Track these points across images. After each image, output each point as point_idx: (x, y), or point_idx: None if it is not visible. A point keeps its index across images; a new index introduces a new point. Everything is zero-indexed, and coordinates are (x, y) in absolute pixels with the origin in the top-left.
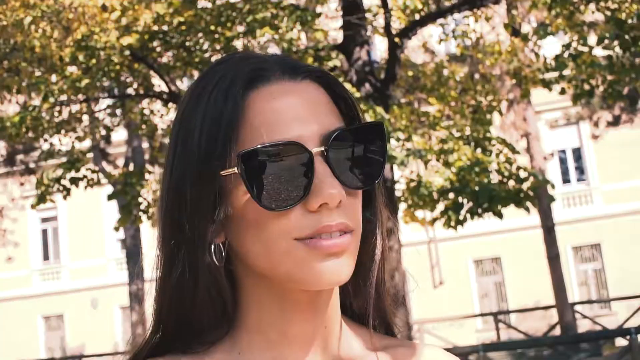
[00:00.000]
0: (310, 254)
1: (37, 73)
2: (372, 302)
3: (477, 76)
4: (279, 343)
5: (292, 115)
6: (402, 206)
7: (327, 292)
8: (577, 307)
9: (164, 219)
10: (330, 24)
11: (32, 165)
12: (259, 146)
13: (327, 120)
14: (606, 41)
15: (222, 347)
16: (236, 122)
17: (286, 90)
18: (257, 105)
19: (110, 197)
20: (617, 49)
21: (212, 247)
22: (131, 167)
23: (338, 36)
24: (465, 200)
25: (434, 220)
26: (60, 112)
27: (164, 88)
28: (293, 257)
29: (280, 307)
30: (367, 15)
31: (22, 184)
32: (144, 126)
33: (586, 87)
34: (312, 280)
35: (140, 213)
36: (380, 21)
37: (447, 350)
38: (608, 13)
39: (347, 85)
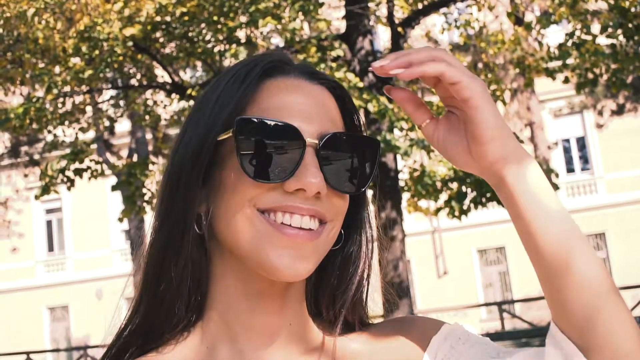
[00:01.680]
0: (274, 235)
1: (41, 64)
2: (347, 306)
3: (480, 65)
4: (243, 336)
5: (299, 108)
6: (406, 196)
7: (294, 288)
8: None
9: (163, 185)
10: (333, 14)
11: (36, 156)
12: (258, 117)
13: (330, 124)
14: (609, 30)
15: (191, 340)
16: (246, 100)
17: (300, 87)
18: (270, 91)
19: (114, 188)
20: (621, 38)
21: (195, 215)
22: (135, 158)
23: (341, 26)
24: (468, 190)
25: (438, 210)
26: (63, 103)
27: (167, 79)
28: (255, 227)
29: (245, 293)
30: (370, 4)
31: (26, 176)
32: (147, 117)
33: (590, 75)
34: (270, 266)
35: (144, 204)
36: (383, 10)
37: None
38: (611, 1)
39: (350, 75)
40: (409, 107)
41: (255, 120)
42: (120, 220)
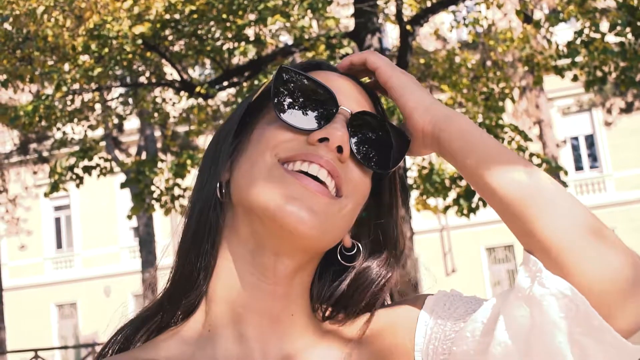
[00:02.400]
0: (287, 179)
1: (50, 62)
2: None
3: (489, 63)
4: (246, 318)
5: (336, 88)
6: (414, 194)
7: (300, 279)
8: None
9: (201, 163)
10: (342, 12)
11: (45, 154)
12: (301, 72)
13: (366, 104)
14: (618, 28)
15: (194, 321)
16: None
17: (337, 77)
18: (313, 74)
19: (123, 186)
20: (630, 36)
21: (219, 184)
22: (144, 156)
23: (349, 24)
24: None
25: (447, 207)
26: (73, 100)
27: (176, 76)
28: (270, 173)
29: (251, 268)
30: (379, 2)
31: (35, 173)
32: (156, 115)
33: (598, 73)
34: (278, 213)
35: (153, 201)
36: (391, 8)
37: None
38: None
39: None
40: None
41: (299, 72)
42: (129, 217)
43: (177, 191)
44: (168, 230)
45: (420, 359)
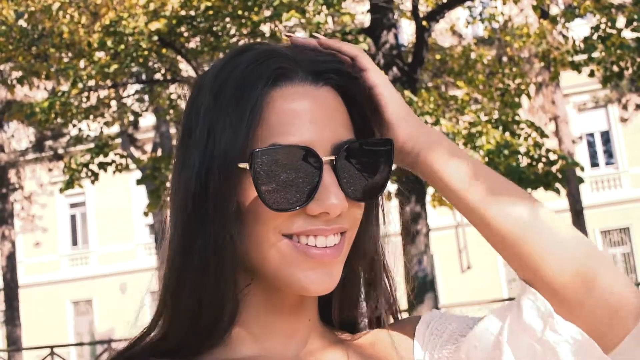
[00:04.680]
0: (300, 258)
1: (66, 59)
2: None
3: (505, 59)
4: (263, 336)
5: (308, 118)
6: (430, 190)
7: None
8: None
9: (182, 203)
10: (358, 8)
11: (60, 151)
12: (271, 147)
13: (341, 130)
14: (635, 23)
15: (208, 341)
16: (256, 121)
17: (306, 94)
18: (276, 104)
19: (139, 182)
20: None
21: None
22: (159, 152)
23: (365, 20)
24: None
25: None
26: (88, 97)
27: (192, 73)
28: (281, 253)
29: (268, 300)
30: None
31: (50, 170)
32: (171, 111)
33: (615, 69)
34: (299, 287)
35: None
36: (407, 4)
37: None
38: None
39: None
40: None
41: (270, 150)
42: (145, 214)
43: None
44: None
45: None
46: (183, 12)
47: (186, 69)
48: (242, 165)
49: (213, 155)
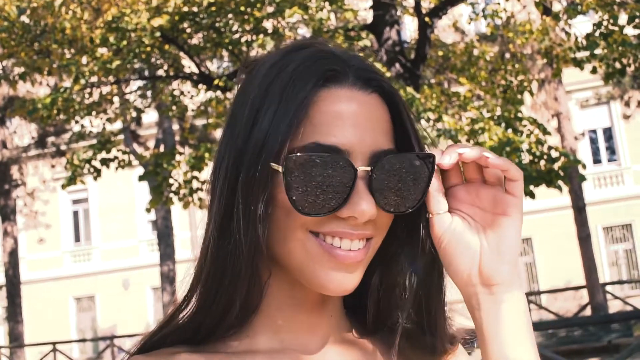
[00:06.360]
0: (324, 257)
1: (68, 55)
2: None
3: (507, 56)
4: (286, 328)
5: (351, 122)
6: None
7: None
8: (608, 288)
9: (221, 191)
10: (360, 4)
11: (63, 147)
12: (305, 152)
13: (381, 138)
14: (637, 20)
15: (232, 329)
16: (299, 119)
17: (353, 98)
18: (322, 104)
19: (141, 178)
20: None
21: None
22: (162, 149)
23: (368, 16)
24: None
25: None
26: (91, 93)
27: (194, 69)
28: (306, 249)
29: (291, 295)
30: None
31: (53, 166)
32: (174, 108)
33: (617, 66)
34: (318, 284)
35: (171, 194)
36: (410, 0)
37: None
38: None
39: (377, 65)
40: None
41: (305, 156)
42: (148, 210)
43: (195, 184)
44: (186, 223)
45: None
46: (186, 8)
47: (189, 65)
48: (275, 166)
49: (252, 146)
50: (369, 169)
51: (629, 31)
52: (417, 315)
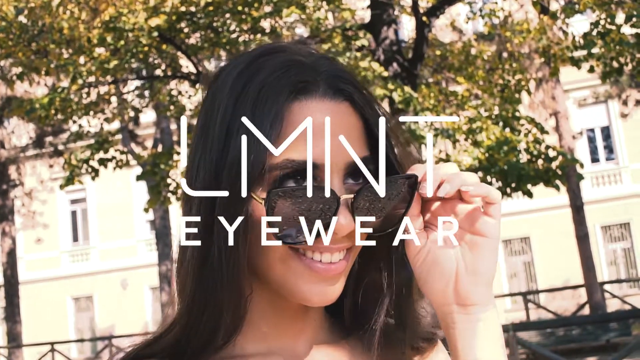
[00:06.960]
0: (305, 271)
1: (66, 55)
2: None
3: (505, 55)
4: (270, 335)
5: (324, 135)
6: None
7: None
8: (606, 287)
9: (198, 207)
10: (358, 3)
11: (61, 147)
12: (289, 187)
13: (357, 147)
14: (634, 19)
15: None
16: (273, 136)
17: (325, 110)
18: (294, 118)
19: (139, 178)
20: None
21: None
22: (160, 149)
23: (365, 15)
24: (494, 180)
25: None
26: (88, 93)
27: (192, 69)
28: (287, 264)
29: (273, 305)
30: None
31: (51, 166)
32: (172, 107)
33: (615, 65)
34: (301, 298)
35: (169, 194)
36: (407, 0)
37: None
38: None
39: (375, 65)
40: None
41: (288, 191)
42: (146, 210)
43: None
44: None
45: None
46: (183, 8)
47: (186, 64)
48: (257, 198)
49: (229, 165)
50: (351, 196)
51: (627, 30)
52: (393, 314)
